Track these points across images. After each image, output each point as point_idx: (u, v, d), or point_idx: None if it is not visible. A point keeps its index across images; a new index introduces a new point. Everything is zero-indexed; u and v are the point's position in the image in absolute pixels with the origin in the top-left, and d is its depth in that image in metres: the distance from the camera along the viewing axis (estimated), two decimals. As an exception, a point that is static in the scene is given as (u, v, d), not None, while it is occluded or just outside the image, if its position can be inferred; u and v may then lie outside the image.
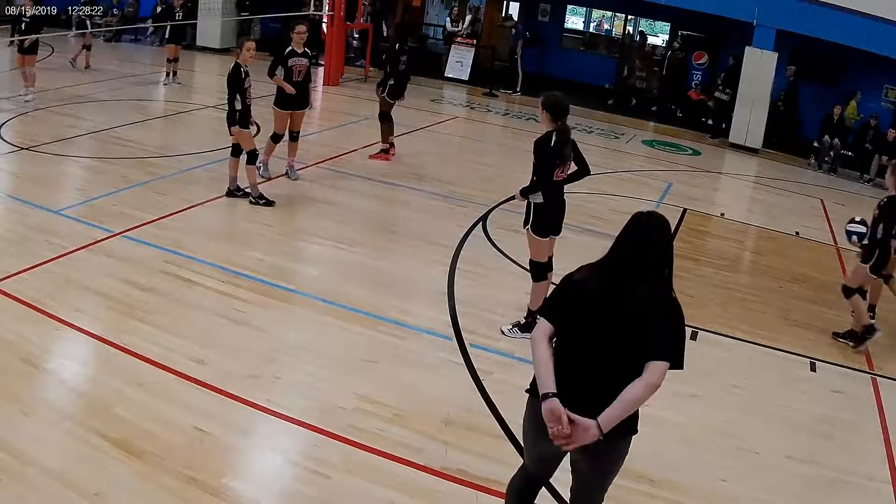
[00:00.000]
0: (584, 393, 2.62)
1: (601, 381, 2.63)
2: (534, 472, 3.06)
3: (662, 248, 2.79)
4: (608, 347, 2.64)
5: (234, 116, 7.22)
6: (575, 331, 2.72)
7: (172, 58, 12.96)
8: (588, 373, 2.65)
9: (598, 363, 2.65)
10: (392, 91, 9.37)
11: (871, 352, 5.89)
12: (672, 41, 16.55)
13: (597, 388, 2.62)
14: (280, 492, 3.70)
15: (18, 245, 6.01)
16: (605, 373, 2.63)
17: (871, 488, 4.21)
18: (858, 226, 5.98)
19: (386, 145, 9.61)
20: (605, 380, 2.62)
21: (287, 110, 8.03)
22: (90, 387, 4.34)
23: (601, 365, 2.65)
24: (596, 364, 2.65)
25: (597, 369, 2.65)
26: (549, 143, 5.13)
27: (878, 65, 12.55)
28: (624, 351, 2.63)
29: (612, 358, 2.64)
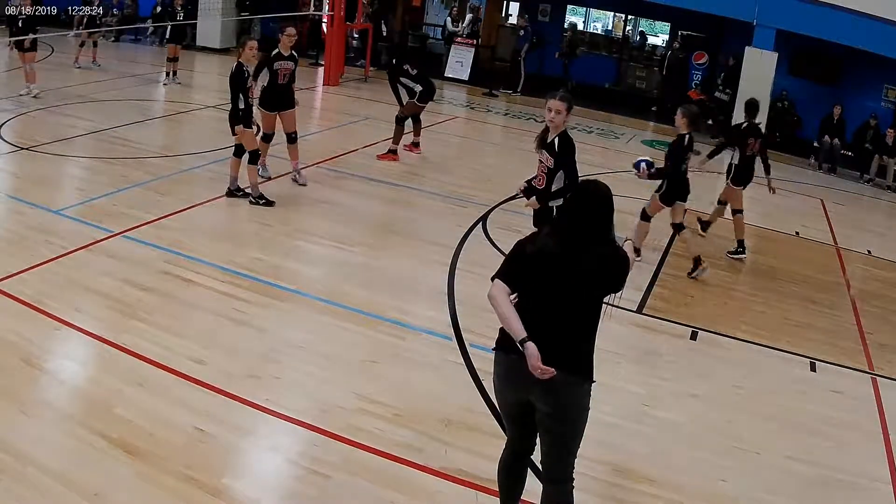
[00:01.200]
0: (546, 345, 2.90)
1: (561, 334, 2.97)
2: (512, 435, 3.32)
3: (611, 212, 3.05)
4: (570, 304, 2.98)
5: (238, 116, 7.23)
6: (535, 292, 3.04)
7: (172, 57, 12.97)
8: (548, 328, 2.94)
9: (559, 319, 2.97)
10: (422, 96, 9.57)
11: (871, 352, 5.89)
12: (672, 41, 16.55)
13: (557, 340, 2.94)
14: (280, 492, 3.70)
15: (18, 245, 6.02)
16: (565, 327, 2.98)
17: (871, 488, 4.21)
18: (646, 157, 6.86)
19: (395, 146, 9.63)
20: (565, 333, 2.98)
21: (273, 111, 8.00)
22: (90, 387, 4.34)
23: (561, 320, 2.98)
24: (556, 320, 2.97)
25: (557, 324, 2.97)
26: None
27: (879, 65, 12.55)
28: (583, 305, 3.00)
29: (571, 313, 2.99)
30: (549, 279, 2.99)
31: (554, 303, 2.98)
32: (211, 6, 16.04)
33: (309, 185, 8.35)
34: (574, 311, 3.00)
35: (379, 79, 15.85)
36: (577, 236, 3.00)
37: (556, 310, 2.98)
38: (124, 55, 15.38)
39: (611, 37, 18.87)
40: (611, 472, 4.04)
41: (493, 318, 5.55)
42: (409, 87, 9.62)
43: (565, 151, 5.12)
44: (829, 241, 8.85)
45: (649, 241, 7.81)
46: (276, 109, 7.99)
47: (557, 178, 5.17)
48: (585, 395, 3.05)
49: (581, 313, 3.01)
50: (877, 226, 10.07)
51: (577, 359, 2.99)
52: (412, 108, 9.65)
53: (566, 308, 2.98)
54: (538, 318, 2.98)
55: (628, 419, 4.54)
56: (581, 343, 3.02)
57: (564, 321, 2.99)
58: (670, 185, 6.90)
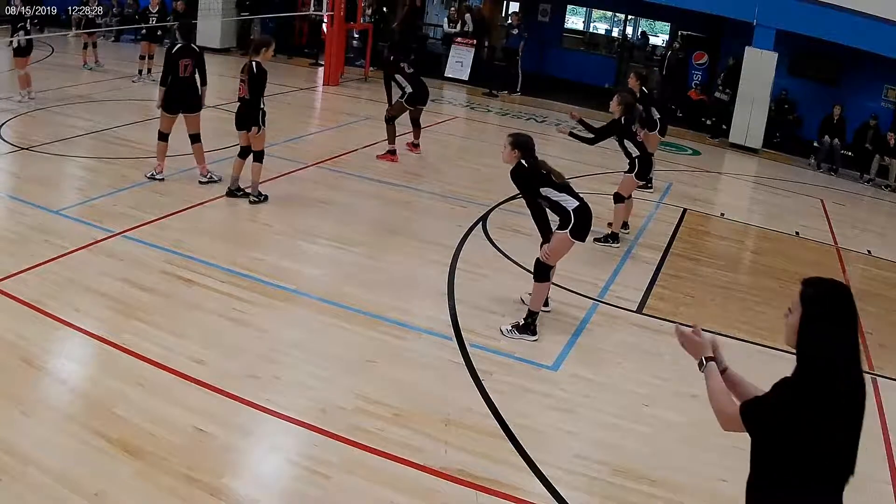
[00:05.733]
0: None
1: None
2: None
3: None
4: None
5: (258, 117, 7.33)
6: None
7: (145, 55, 13.00)
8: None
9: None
10: (410, 98, 9.51)
11: (871, 352, 5.89)
12: (672, 41, 16.56)
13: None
14: (280, 492, 3.70)
15: (18, 245, 6.02)
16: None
17: (870, 488, 4.20)
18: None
19: (393, 146, 9.61)
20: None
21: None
22: (90, 387, 4.34)
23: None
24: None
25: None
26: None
27: (879, 65, 12.55)
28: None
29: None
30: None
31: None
32: (211, 6, 16.04)
33: (309, 185, 8.35)
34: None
35: (379, 79, 15.86)
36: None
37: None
38: (124, 55, 15.37)
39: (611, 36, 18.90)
40: (611, 472, 4.04)
41: (493, 317, 5.62)
42: (400, 86, 9.52)
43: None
44: (829, 241, 8.85)
45: (651, 243, 7.82)
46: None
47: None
48: None
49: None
50: (877, 226, 10.06)
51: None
52: (399, 109, 9.56)
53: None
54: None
55: (628, 419, 4.54)
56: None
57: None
58: (641, 165, 7.37)
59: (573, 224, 5.26)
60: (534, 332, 5.35)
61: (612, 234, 7.47)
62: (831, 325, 2.30)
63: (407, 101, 9.52)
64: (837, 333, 2.30)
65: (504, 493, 3.76)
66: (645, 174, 7.62)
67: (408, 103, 9.54)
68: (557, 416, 4.51)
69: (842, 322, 2.30)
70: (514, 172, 5.35)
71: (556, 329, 5.58)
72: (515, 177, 5.35)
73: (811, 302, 2.35)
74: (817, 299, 2.35)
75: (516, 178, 5.36)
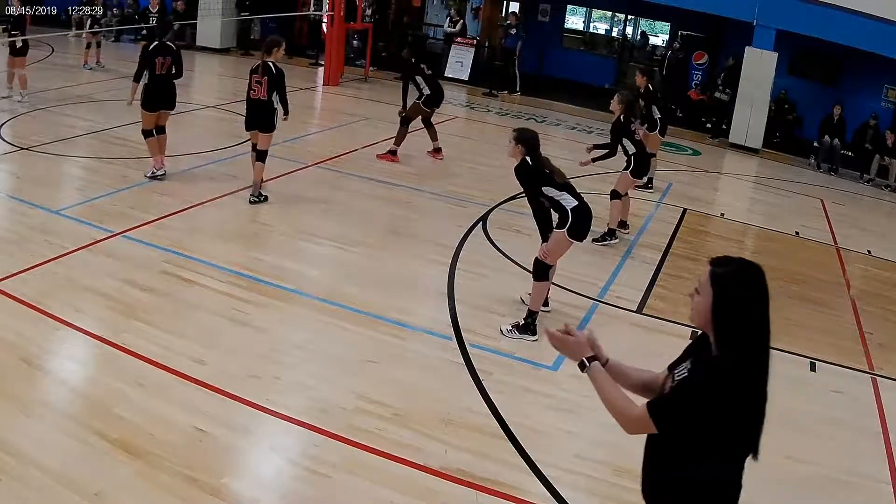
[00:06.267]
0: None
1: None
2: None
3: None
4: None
5: (273, 118, 7.41)
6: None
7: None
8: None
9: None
10: (427, 100, 9.50)
11: (871, 352, 5.89)
12: (672, 41, 16.56)
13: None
14: (280, 492, 3.70)
15: (18, 245, 6.02)
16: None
17: (871, 488, 4.21)
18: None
19: (396, 147, 9.60)
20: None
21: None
22: (90, 387, 4.34)
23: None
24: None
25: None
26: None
27: (879, 65, 12.55)
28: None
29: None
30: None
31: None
32: (211, 6, 16.04)
33: (309, 186, 8.35)
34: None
35: (379, 79, 15.89)
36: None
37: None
38: (124, 55, 15.37)
39: (611, 36, 18.90)
40: (611, 472, 4.04)
41: (494, 317, 5.62)
42: (418, 87, 9.54)
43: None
44: (829, 241, 8.85)
45: (651, 243, 7.82)
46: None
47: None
48: None
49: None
50: (877, 226, 10.06)
51: None
52: (416, 111, 9.59)
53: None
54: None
55: (628, 419, 4.54)
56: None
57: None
58: (638, 162, 7.43)
59: (571, 223, 5.26)
60: (534, 332, 5.35)
61: (609, 231, 7.48)
62: (746, 306, 2.20)
63: (424, 102, 9.53)
64: (752, 315, 2.21)
65: (504, 493, 3.76)
66: (641, 172, 7.65)
67: (425, 105, 9.55)
68: (557, 416, 4.51)
69: (755, 302, 2.21)
70: (518, 169, 5.36)
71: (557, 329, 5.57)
72: (519, 173, 5.37)
73: (722, 283, 2.23)
74: (729, 279, 2.23)
75: (520, 174, 5.36)
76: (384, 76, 16.20)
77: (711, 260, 2.30)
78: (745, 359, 2.19)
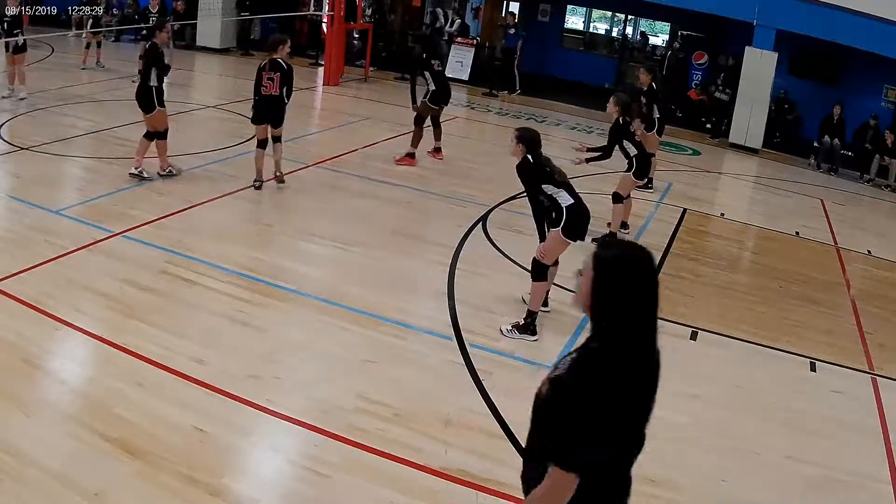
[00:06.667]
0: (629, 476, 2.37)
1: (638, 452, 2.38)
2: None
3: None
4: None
5: (285, 112, 7.76)
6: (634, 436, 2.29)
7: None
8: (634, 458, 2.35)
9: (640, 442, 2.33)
10: (434, 96, 9.46)
11: (871, 352, 5.89)
12: (672, 41, 16.56)
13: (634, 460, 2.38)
14: (280, 492, 3.70)
15: (18, 245, 6.02)
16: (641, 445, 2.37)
17: (871, 488, 4.21)
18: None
19: (414, 150, 9.56)
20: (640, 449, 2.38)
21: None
22: (90, 387, 4.34)
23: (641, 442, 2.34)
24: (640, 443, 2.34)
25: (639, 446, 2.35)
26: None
27: (879, 65, 12.55)
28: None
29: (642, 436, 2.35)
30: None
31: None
32: (211, 6, 16.04)
33: (309, 185, 8.35)
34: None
35: (379, 79, 15.89)
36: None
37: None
38: (124, 55, 15.37)
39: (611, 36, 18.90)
40: (611, 472, 4.04)
41: (494, 317, 5.62)
42: (425, 82, 9.48)
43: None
44: (829, 241, 8.85)
45: (651, 243, 7.82)
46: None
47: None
48: None
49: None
50: (877, 226, 10.06)
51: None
52: (426, 109, 9.53)
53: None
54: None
55: (628, 419, 4.54)
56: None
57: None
58: (639, 164, 7.40)
59: (565, 221, 5.26)
60: (534, 332, 5.35)
61: (610, 233, 7.47)
62: (626, 290, 2.09)
63: (430, 99, 9.49)
64: (632, 299, 2.11)
65: (504, 493, 3.76)
66: (643, 174, 7.62)
67: (432, 102, 9.51)
68: (557, 416, 4.51)
69: (636, 286, 2.11)
70: (519, 167, 5.37)
71: (556, 329, 5.57)
72: (520, 171, 5.38)
73: (604, 265, 2.11)
74: (611, 262, 2.11)
75: (521, 172, 5.38)
76: (384, 76, 16.20)
77: (597, 241, 2.22)
78: (621, 346, 2.07)
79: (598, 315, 2.12)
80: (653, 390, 2.20)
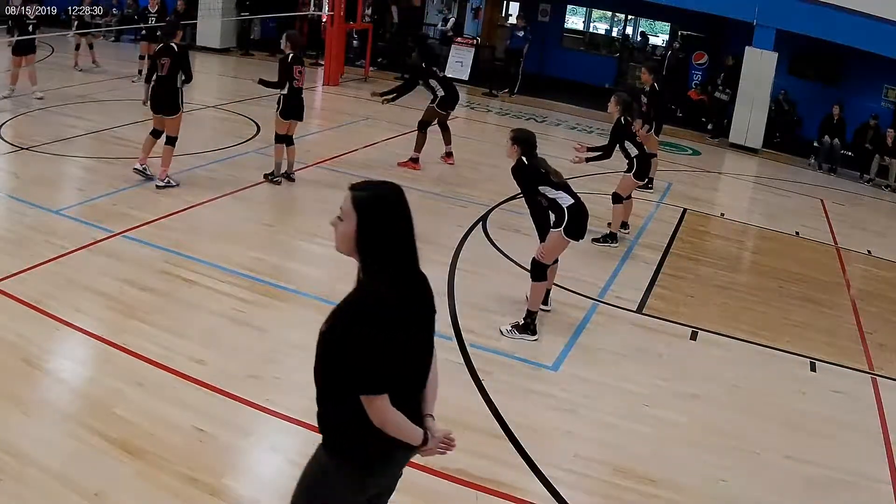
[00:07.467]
0: (414, 405, 2.43)
1: (419, 384, 2.45)
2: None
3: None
4: (421, 349, 2.42)
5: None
6: (398, 366, 2.32)
7: (144, 55, 12.96)
8: (411, 387, 2.42)
9: (416, 371, 2.42)
10: (442, 102, 9.44)
11: (871, 352, 5.89)
12: (672, 41, 16.56)
13: (417, 392, 2.45)
14: (280, 492, 3.68)
15: (18, 245, 6.02)
16: (421, 375, 2.44)
17: (871, 488, 4.21)
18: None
19: (418, 154, 9.53)
20: (421, 381, 2.46)
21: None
22: (90, 387, 4.34)
23: (418, 370, 2.42)
24: (415, 373, 2.42)
25: (415, 377, 2.42)
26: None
27: (879, 65, 12.55)
28: (429, 343, 2.47)
29: (423, 357, 2.44)
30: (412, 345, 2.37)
31: (420, 359, 2.43)
32: (211, 6, 16.03)
33: (309, 185, 8.35)
34: (430, 350, 2.48)
35: (379, 79, 15.87)
36: (413, 265, 2.44)
37: (421, 364, 2.44)
38: (124, 55, 15.37)
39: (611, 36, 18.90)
40: (611, 472, 4.05)
41: (493, 317, 5.62)
42: (433, 90, 9.46)
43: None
44: (829, 241, 8.85)
45: (651, 243, 7.82)
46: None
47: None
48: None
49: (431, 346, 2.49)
50: (877, 226, 10.06)
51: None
52: (432, 114, 9.51)
53: (426, 354, 2.46)
54: (408, 384, 2.41)
55: (628, 419, 4.54)
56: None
57: (426, 368, 2.47)
58: (640, 164, 7.39)
59: (567, 222, 5.27)
60: (533, 332, 5.35)
61: (610, 234, 7.47)
62: (390, 228, 2.27)
63: (439, 105, 9.46)
64: (397, 236, 2.29)
65: (504, 493, 3.76)
66: (643, 174, 7.60)
67: (440, 108, 9.48)
68: (557, 416, 4.52)
69: (398, 223, 2.29)
70: (515, 169, 5.38)
71: (556, 329, 5.58)
72: (515, 173, 5.38)
73: (365, 206, 2.26)
74: (372, 202, 2.27)
75: (516, 174, 5.38)
76: (384, 76, 16.19)
77: (351, 186, 2.31)
78: (383, 287, 2.23)
79: (365, 253, 2.26)
80: (424, 319, 2.38)
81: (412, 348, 2.35)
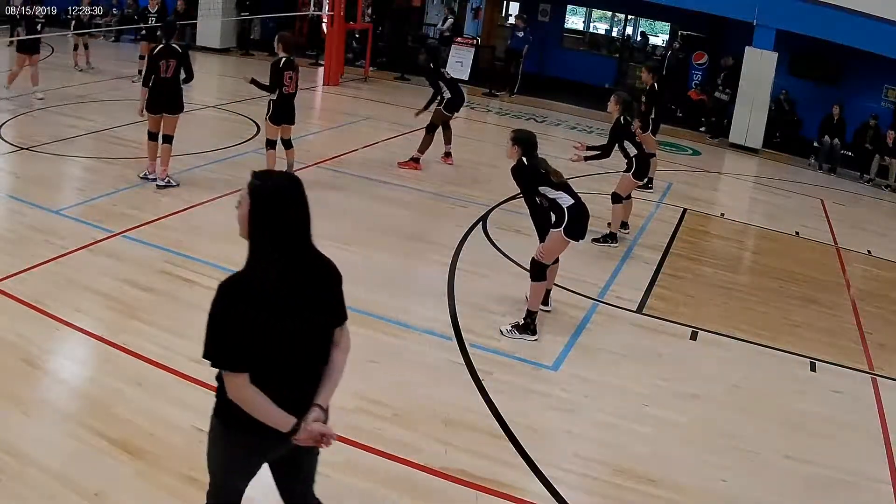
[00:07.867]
0: (298, 393, 2.51)
1: (307, 371, 2.52)
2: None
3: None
4: (307, 336, 2.47)
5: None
6: (269, 349, 2.39)
7: (146, 55, 12.94)
8: (295, 373, 2.48)
9: (301, 357, 2.47)
10: (449, 104, 9.41)
11: (871, 352, 5.89)
12: (672, 41, 16.56)
13: (306, 380, 2.53)
14: (280, 492, 3.69)
15: (18, 245, 6.02)
16: (309, 361, 2.51)
17: (871, 488, 4.21)
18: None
19: (419, 155, 9.49)
20: (310, 368, 2.53)
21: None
22: (90, 387, 4.34)
23: (303, 356, 2.48)
24: (299, 359, 2.47)
25: (300, 363, 2.48)
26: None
27: (879, 65, 12.55)
28: (319, 330, 2.52)
29: (311, 343, 2.50)
30: (281, 324, 2.42)
31: (296, 343, 2.47)
32: (211, 6, 16.03)
33: (308, 186, 8.27)
34: (317, 338, 2.56)
35: (379, 79, 15.89)
36: (301, 247, 2.57)
37: (301, 348, 2.49)
38: (124, 55, 15.38)
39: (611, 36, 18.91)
40: (611, 472, 4.05)
41: (493, 317, 5.62)
42: (440, 92, 9.41)
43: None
44: (829, 241, 8.85)
45: (651, 243, 7.82)
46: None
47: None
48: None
49: (322, 336, 2.58)
50: (877, 226, 10.06)
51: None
52: (440, 117, 9.47)
53: (309, 340, 2.52)
54: (284, 369, 2.48)
55: (628, 419, 4.54)
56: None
57: (310, 355, 2.54)
58: (639, 164, 7.38)
59: (567, 222, 5.27)
60: (533, 332, 5.35)
61: (610, 234, 7.47)
62: (277, 217, 2.40)
63: (445, 107, 9.42)
64: (285, 225, 2.42)
65: (504, 493, 3.76)
66: (643, 174, 7.60)
67: (446, 110, 9.44)
68: (557, 416, 4.52)
69: (286, 213, 2.43)
70: (514, 169, 5.38)
71: (556, 329, 5.58)
72: (515, 173, 5.38)
73: (258, 193, 2.41)
74: (264, 190, 2.42)
75: (516, 174, 5.38)
76: (384, 76, 16.21)
77: (253, 172, 2.46)
78: (263, 267, 2.38)
79: (253, 236, 2.44)
80: (315, 305, 2.47)
81: (292, 334, 2.40)
